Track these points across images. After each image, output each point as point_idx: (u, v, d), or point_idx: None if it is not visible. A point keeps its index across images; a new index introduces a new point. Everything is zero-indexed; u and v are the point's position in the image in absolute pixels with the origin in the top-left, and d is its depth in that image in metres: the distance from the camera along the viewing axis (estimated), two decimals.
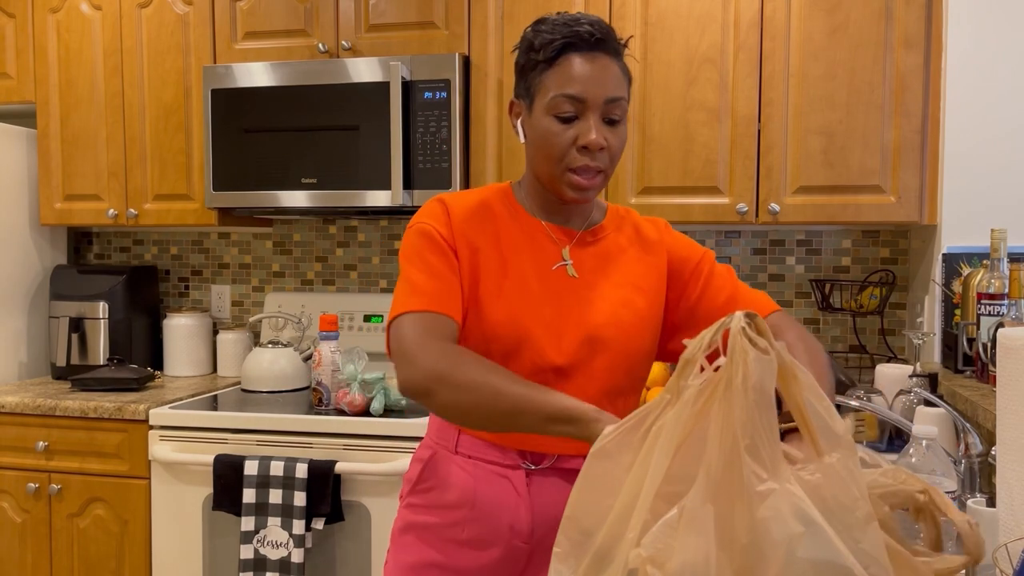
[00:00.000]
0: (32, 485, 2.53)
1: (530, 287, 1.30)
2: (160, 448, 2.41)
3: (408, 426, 2.27)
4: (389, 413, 2.36)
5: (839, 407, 1.78)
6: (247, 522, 2.26)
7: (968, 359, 2.05)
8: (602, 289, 1.33)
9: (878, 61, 2.32)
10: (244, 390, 2.72)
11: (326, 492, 2.23)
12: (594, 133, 1.25)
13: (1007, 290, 1.84)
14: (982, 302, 1.91)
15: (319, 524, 2.25)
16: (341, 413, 2.37)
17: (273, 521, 2.25)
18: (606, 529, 0.83)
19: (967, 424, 1.63)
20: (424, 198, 2.51)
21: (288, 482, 2.24)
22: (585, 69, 1.25)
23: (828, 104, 2.35)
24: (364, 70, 2.54)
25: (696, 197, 2.44)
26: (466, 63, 2.56)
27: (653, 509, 0.80)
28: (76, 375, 2.71)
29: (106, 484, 2.50)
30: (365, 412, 2.36)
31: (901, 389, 2.07)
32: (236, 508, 2.28)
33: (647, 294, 1.36)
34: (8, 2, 2.92)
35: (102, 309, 2.92)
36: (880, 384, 2.21)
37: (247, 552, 2.26)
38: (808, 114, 2.36)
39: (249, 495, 2.26)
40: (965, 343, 2.04)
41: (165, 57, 2.79)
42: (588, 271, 1.34)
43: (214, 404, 2.53)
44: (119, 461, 2.49)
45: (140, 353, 3.03)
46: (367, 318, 2.94)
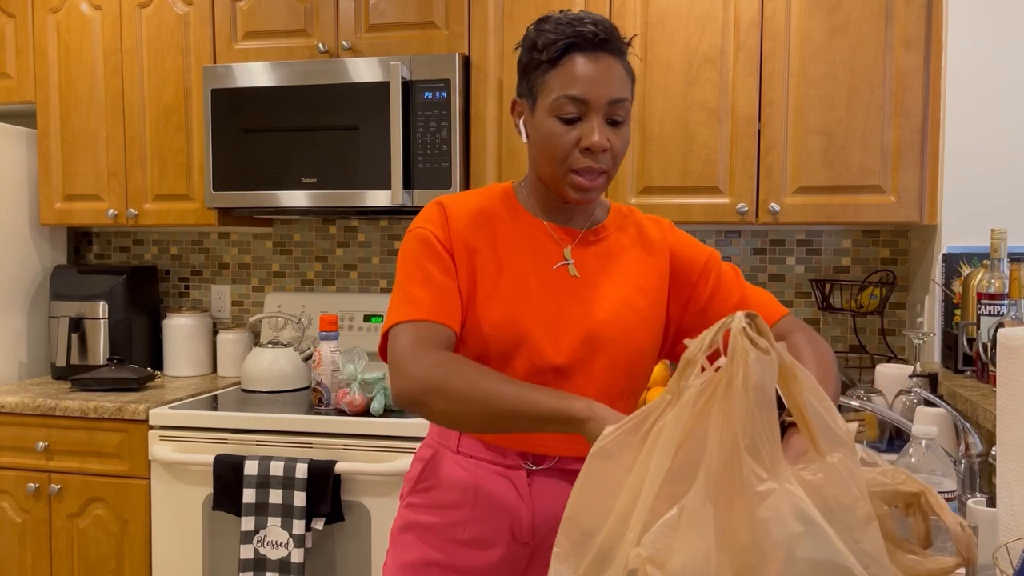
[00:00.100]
0: (32, 485, 2.53)
1: (530, 287, 1.30)
2: (160, 448, 2.41)
3: (408, 426, 2.28)
4: (389, 413, 2.36)
5: (839, 407, 1.78)
6: (247, 522, 2.26)
7: (968, 359, 2.05)
8: (604, 288, 1.33)
9: (878, 61, 2.32)
10: (244, 390, 2.72)
11: (326, 492, 2.23)
12: (597, 135, 1.24)
13: (1007, 290, 1.84)
14: (982, 302, 1.91)
15: (319, 524, 2.25)
16: (341, 413, 2.37)
17: (273, 521, 2.25)
18: (606, 529, 0.83)
19: (967, 424, 1.63)
20: (424, 198, 2.51)
21: (288, 482, 2.24)
22: (589, 70, 1.24)
23: (828, 104, 2.35)
24: (364, 70, 2.54)
25: (696, 197, 2.44)
26: (466, 63, 2.56)
27: (653, 509, 0.80)
28: (76, 375, 2.71)
29: (106, 484, 2.50)
30: (365, 412, 2.36)
31: (901, 389, 2.07)
32: (236, 508, 2.29)
33: (648, 294, 1.35)
34: (8, 2, 2.92)
35: (102, 309, 2.92)
36: (880, 384, 2.21)
37: (247, 552, 2.26)
38: (808, 114, 2.36)
39: (249, 495, 2.26)
40: (965, 343, 2.04)
41: (165, 57, 2.80)
42: (590, 271, 1.34)
43: (214, 404, 2.53)
44: (119, 461, 2.49)
45: (140, 353, 3.03)
46: (367, 318, 2.94)
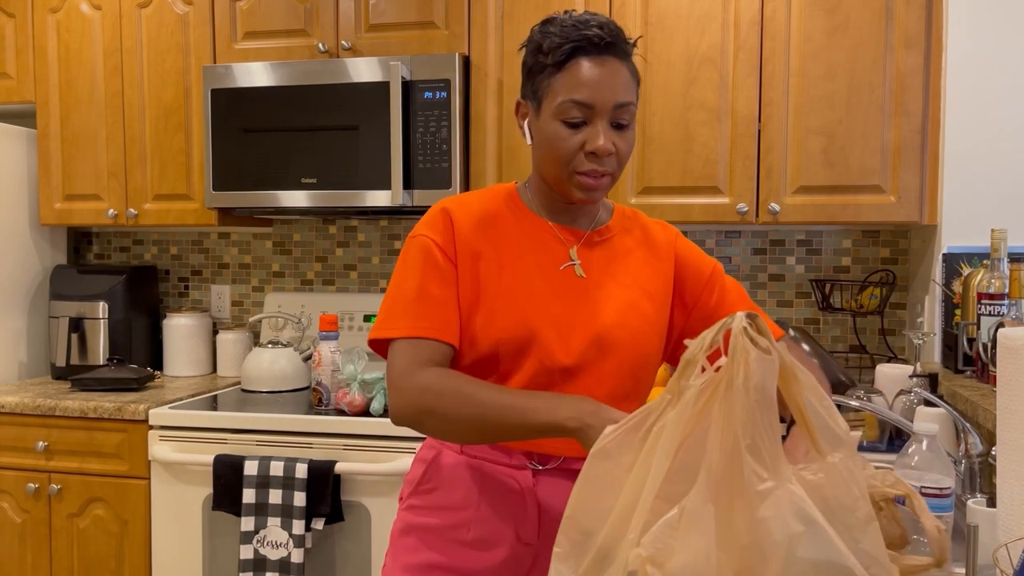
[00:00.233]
0: (32, 485, 2.53)
1: (537, 287, 1.30)
2: (160, 448, 2.41)
3: None
4: (389, 413, 2.36)
5: (839, 407, 1.78)
6: (247, 522, 2.26)
7: (968, 359, 2.05)
8: (610, 290, 1.33)
9: (878, 61, 2.32)
10: (244, 390, 2.72)
11: (326, 492, 2.23)
12: (602, 139, 1.24)
13: (1007, 290, 1.84)
14: (982, 302, 1.91)
15: (319, 524, 2.25)
16: (341, 413, 2.37)
17: (273, 521, 2.25)
18: (607, 529, 0.83)
19: (967, 424, 1.63)
20: (424, 198, 2.51)
21: (288, 482, 2.24)
22: (594, 74, 1.23)
23: (828, 104, 2.35)
24: (364, 70, 2.54)
25: (696, 197, 2.44)
26: (466, 63, 2.56)
27: (654, 509, 0.80)
28: (76, 375, 2.71)
29: (106, 484, 2.50)
30: (365, 412, 2.36)
31: (901, 389, 2.07)
32: (236, 508, 2.28)
33: (654, 299, 1.36)
34: (8, 2, 2.92)
35: (102, 309, 2.92)
36: (880, 384, 2.21)
37: (247, 552, 2.26)
38: (808, 114, 2.36)
39: (249, 495, 2.26)
40: (965, 343, 2.04)
41: (165, 57, 2.79)
42: (596, 271, 1.34)
43: (214, 404, 2.52)
44: (119, 461, 2.49)
45: (140, 353, 3.03)
46: (367, 318, 2.94)
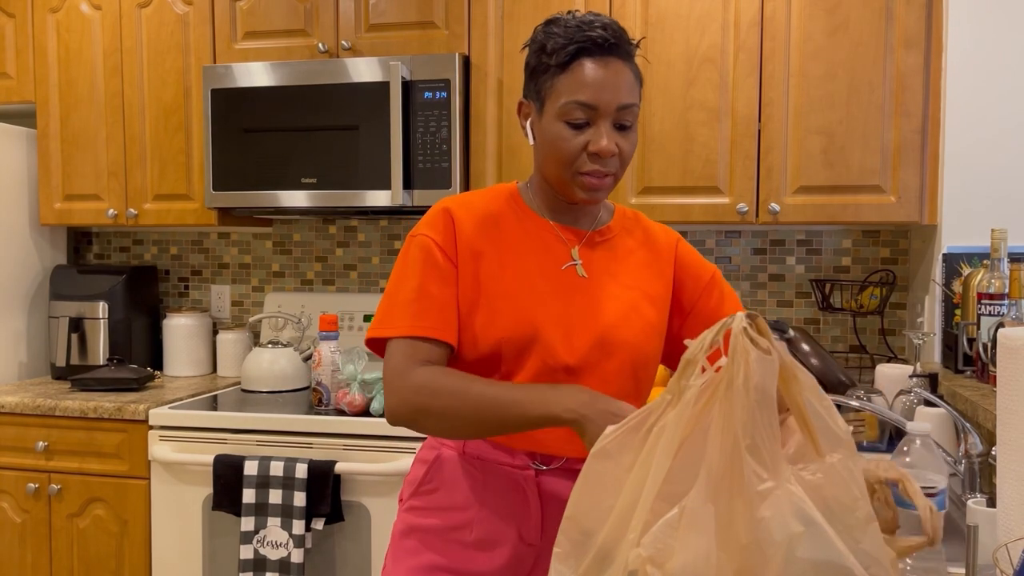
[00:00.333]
0: (32, 485, 2.53)
1: (539, 287, 1.30)
2: (160, 448, 2.41)
3: None
4: (385, 413, 2.36)
5: (839, 407, 1.78)
6: (247, 522, 2.26)
7: (968, 359, 2.05)
8: (612, 290, 1.33)
9: (878, 61, 2.32)
10: (244, 390, 2.72)
11: (326, 492, 2.23)
12: (605, 140, 1.24)
13: (1007, 290, 1.84)
14: (982, 302, 1.91)
15: (319, 524, 2.25)
16: (341, 413, 2.37)
17: (273, 521, 2.25)
18: (607, 529, 0.83)
19: (967, 424, 1.63)
20: (424, 198, 2.51)
21: (288, 482, 2.24)
22: (598, 75, 1.23)
23: (828, 104, 2.35)
24: (364, 70, 2.54)
25: (696, 197, 2.44)
26: (466, 63, 2.56)
27: (654, 509, 0.80)
28: (76, 375, 2.71)
29: (106, 484, 2.50)
30: (365, 412, 2.36)
31: (901, 389, 2.07)
32: (236, 508, 2.28)
33: (655, 300, 1.36)
34: (8, 2, 2.92)
35: (102, 309, 2.92)
36: (880, 384, 2.21)
37: (247, 552, 2.26)
38: (808, 114, 2.36)
39: (249, 495, 2.26)
40: (965, 343, 2.04)
41: (165, 57, 2.79)
42: (598, 272, 1.34)
43: (214, 404, 2.52)
44: (119, 461, 2.49)
45: (140, 353, 3.03)
46: (367, 318, 2.94)
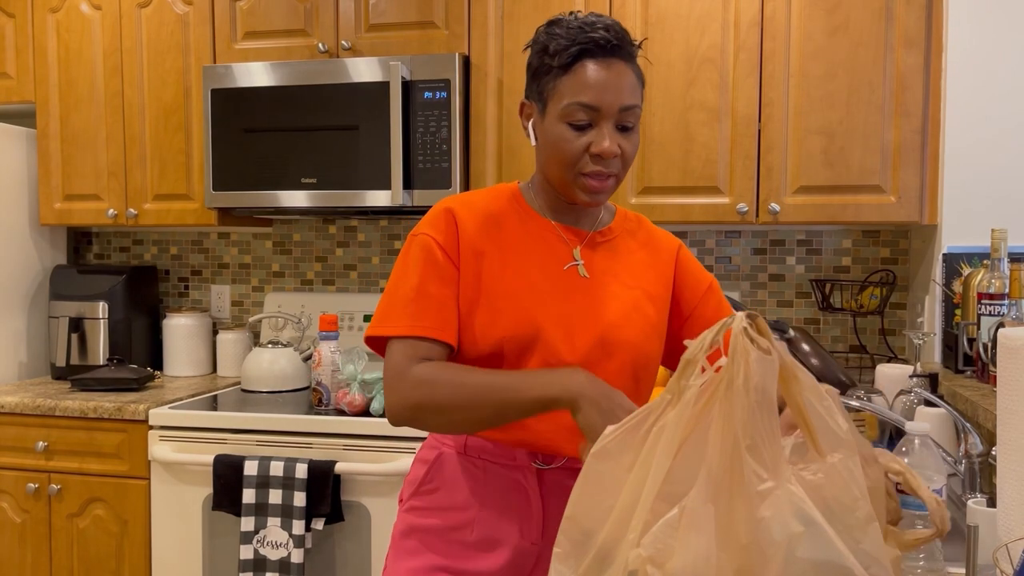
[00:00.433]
0: (32, 485, 2.53)
1: (540, 286, 1.30)
2: (160, 448, 2.41)
3: None
4: (385, 413, 2.36)
5: None
6: (247, 522, 2.26)
7: (968, 359, 2.05)
8: (614, 290, 1.33)
9: (878, 61, 2.32)
10: (244, 390, 2.72)
11: (326, 492, 2.23)
12: (607, 141, 1.24)
13: (1007, 290, 1.84)
14: (982, 302, 1.91)
15: (319, 524, 2.25)
16: (341, 413, 2.37)
17: (273, 521, 2.25)
18: (607, 529, 0.83)
19: (967, 424, 1.63)
20: (424, 198, 2.51)
21: (288, 482, 2.24)
22: (600, 77, 1.23)
23: (828, 104, 2.35)
24: (364, 70, 2.54)
25: (696, 197, 2.44)
26: (466, 63, 2.56)
27: (654, 509, 0.80)
28: (76, 375, 2.71)
29: (106, 484, 2.50)
30: (365, 412, 2.36)
31: (901, 389, 2.07)
32: (236, 508, 2.28)
33: (655, 301, 1.36)
34: (8, 2, 2.92)
35: (102, 309, 2.92)
36: (880, 384, 2.21)
37: (247, 552, 2.26)
38: (808, 114, 2.36)
39: (249, 495, 2.26)
40: (965, 343, 2.04)
41: (165, 57, 2.79)
42: (599, 272, 1.34)
43: (214, 404, 2.52)
44: (119, 461, 2.49)
45: (140, 353, 3.03)
46: (367, 318, 2.94)
